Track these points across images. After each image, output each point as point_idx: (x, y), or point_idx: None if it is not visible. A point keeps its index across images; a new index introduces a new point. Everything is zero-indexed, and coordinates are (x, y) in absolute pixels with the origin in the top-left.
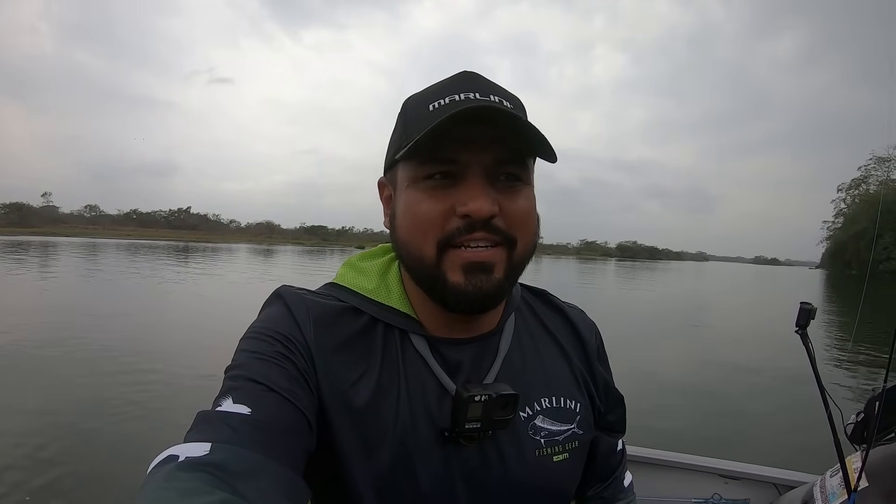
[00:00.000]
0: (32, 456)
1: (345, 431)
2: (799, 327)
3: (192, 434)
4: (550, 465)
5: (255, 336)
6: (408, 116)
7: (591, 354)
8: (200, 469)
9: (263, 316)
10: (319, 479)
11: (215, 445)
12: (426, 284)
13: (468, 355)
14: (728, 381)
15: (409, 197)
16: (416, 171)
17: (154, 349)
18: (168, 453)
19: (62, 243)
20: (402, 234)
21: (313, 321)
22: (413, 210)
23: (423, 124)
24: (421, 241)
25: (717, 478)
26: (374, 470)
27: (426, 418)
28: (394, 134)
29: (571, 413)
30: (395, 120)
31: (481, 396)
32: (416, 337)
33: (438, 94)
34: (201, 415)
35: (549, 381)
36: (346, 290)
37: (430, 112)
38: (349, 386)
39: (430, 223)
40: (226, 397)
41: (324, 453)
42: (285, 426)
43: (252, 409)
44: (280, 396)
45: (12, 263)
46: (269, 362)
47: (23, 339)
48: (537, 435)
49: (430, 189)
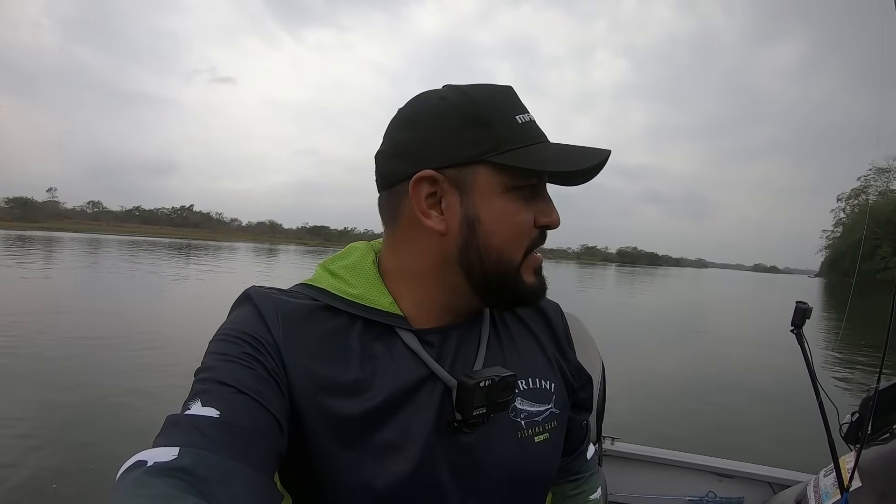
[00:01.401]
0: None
1: (321, 432)
2: (794, 326)
3: (160, 438)
4: (532, 445)
5: (223, 338)
6: (491, 118)
7: (560, 335)
8: (169, 474)
9: (232, 317)
10: (299, 482)
11: (184, 450)
12: (500, 286)
13: (454, 343)
14: (723, 381)
15: (505, 204)
16: (512, 179)
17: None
18: (136, 458)
19: (73, 239)
20: (493, 240)
21: (283, 320)
22: (511, 218)
23: (518, 136)
24: (515, 249)
25: (711, 476)
26: (358, 468)
27: (421, 411)
28: (460, 128)
29: (548, 393)
30: (447, 112)
31: (485, 382)
32: (404, 332)
33: (514, 105)
34: (170, 419)
35: (525, 363)
36: (320, 290)
37: (520, 125)
38: (325, 385)
39: (526, 232)
40: (194, 400)
41: (302, 455)
42: (255, 429)
43: (221, 412)
44: (249, 398)
45: (27, 258)
46: (238, 364)
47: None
48: (518, 417)
49: (524, 200)
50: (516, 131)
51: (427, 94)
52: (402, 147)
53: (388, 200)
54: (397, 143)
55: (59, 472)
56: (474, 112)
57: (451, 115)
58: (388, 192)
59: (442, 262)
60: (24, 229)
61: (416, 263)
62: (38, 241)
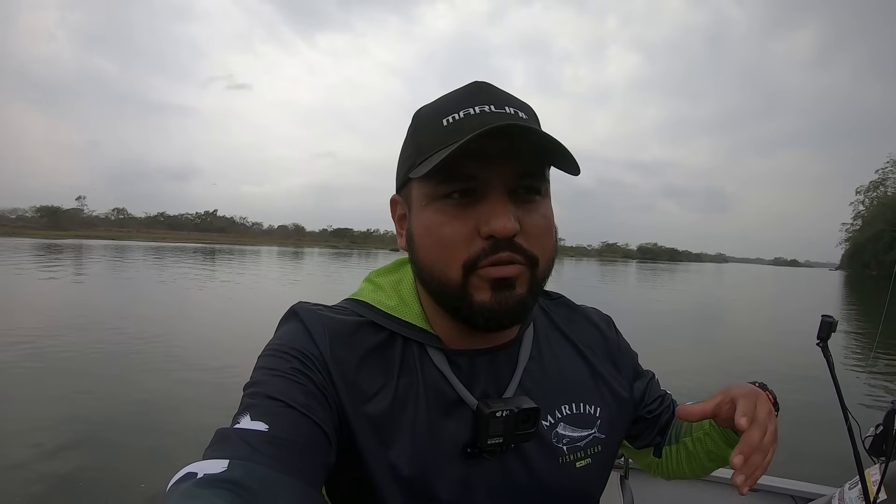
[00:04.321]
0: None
1: (367, 445)
2: (820, 340)
3: (210, 451)
4: (574, 471)
5: (271, 353)
6: (420, 131)
7: (613, 348)
8: (219, 486)
9: (280, 333)
10: (345, 493)
11: (233, 462)
12: (450, 306)
13: (487, 367)
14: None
15: (429, 217)
16: (433, 189)
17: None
18: (186, 471)
19: (106, 246)
20: (423, 257)
21: (329, 336)
22: (435, 233)
23: (438, 140)
24: (445, 265)
25: (733, 489)
26: (397, 483)
27: (446, 433)
28: (406, 149)
29: (591, 418)
30: (406, 133)
31: (503, 412)
32: (434, 351)
33: (451, 106)
34: (219, 432)
35: (569, 387)
36: (364, 304)
37: (444, 127)
38: (368, 399)
39: (454, 246)
40: (243, 415)
41: (348, 468)
42: (303, 442)
43: (270, 426)
44: (297, 412)
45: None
46: (286, 379)
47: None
48: (560, 442)
49: (450, 209)
50: (437, 136)
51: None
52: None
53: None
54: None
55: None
56: (413, 128)
57: (406, 138)
58: None
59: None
60: (54, 237)
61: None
62: (74, 249)
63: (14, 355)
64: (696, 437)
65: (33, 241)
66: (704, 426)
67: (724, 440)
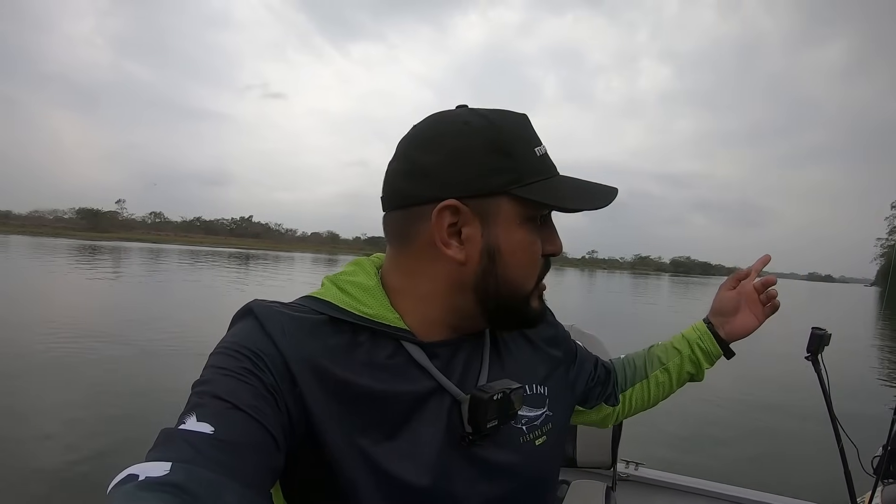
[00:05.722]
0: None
1: (336, 441)
2: (810, 353)
3: (153, 453)
4: (534, 449)
5: (222, 351)
6: (513, 150)
7: (550, 330)
8: (161, 489)
9: (233, 331)
10: (307, 495)
11: (176, 465)
12: (514, 312)
13: (461, 357)
14: (758, 404)
15: (524, 235)
16: (529, 211)
17: None
18: (128, 472)
19: (142, 249)
20: (510, 271)
21: (286, 334)
22: (530, 249)
23: (538, 170)
24: (530, 277)
25: (724, 502)
26: (374, 476)
27: (431, 423)
28: (488, 160)
29: (541, 397)
30: (471, 138)
31: (498, 395)
32: (411, 345)
33: (531, 136)
34: (164, 433)
35: (522, 369)
36: (324, 302)
37: (538, 158)
38: (336, 392)
39: (538, 262)
40: (190, 415)
41: (314, 466)
42: (250, 445)
43: (215, 428)
44: (245, 414)
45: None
46: (236, 379)
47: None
48: (519, 423)
49: (538, 230)
50: (536, 163)
51: (447, 116)
52: (423, 169)
53: (402, 221)
54: (418, 165)
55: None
56: (498, 140)
57: (477, 143)
58: (403, 213)
59: (456, 288)
60: (96, 239)
61: (427, 286)
62: (121, 251)
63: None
64: (674, 364)
65: (77, 243)
66: (684, 350)
67: (717, 347)
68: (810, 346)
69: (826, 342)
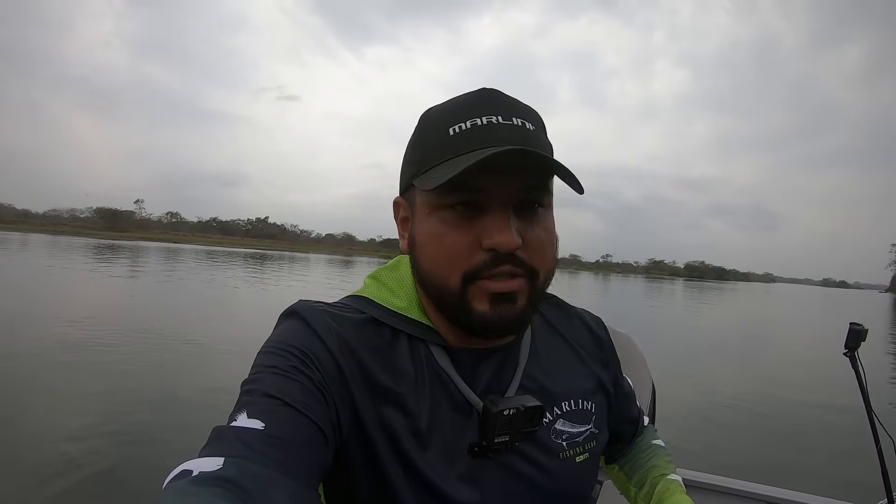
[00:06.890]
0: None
1: (380, 442)
2: (848, 349)
3: (206, 449)
4: (574, 466)
5: (270, 351)
6: (426, 137)
7: (603, 349)
8: (214, 484)
9: (279, 331)
10: (344, 491)
11: (228, 460)
12: (450, 312)
13: (489, 367)
14: (787, 402)
15: (432, 226)
16: (438, 198)
17: None
18: (182, 468)
19: (160, 248)
20: (424, 263)
21: (332, 333)
22: (438, 241)
23: (444, 150)
24: (446, 273)
25: (729, 497)
26: (409, 481)
27: (451, 431)
28: (412, 152)
29: (588, 413)
30: (412, 133)
31: (509, 411)
32: (437, 348)
33: (458, 114)
34: (216, 430)
35: (567, 384)
36: (367, 301)
37: (450, 137)
38: (380, 396)
39: (455, 256)
40: (240, 412)
41: (353, 466)
42: (299, 441)
43: (266, 424)
44: (295, 411)
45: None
46: (285, 376)
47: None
48: (559, 438)
49: (453, 219)
50: (443, 145)
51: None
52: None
53: None
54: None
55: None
56: (418, 133)
57: (411, 139)
58: None
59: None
60: (115, 238)
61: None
62: (141, 250)
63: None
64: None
65: (97, 242)
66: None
67: None
68: (848, 342)
69: (863, 338)
